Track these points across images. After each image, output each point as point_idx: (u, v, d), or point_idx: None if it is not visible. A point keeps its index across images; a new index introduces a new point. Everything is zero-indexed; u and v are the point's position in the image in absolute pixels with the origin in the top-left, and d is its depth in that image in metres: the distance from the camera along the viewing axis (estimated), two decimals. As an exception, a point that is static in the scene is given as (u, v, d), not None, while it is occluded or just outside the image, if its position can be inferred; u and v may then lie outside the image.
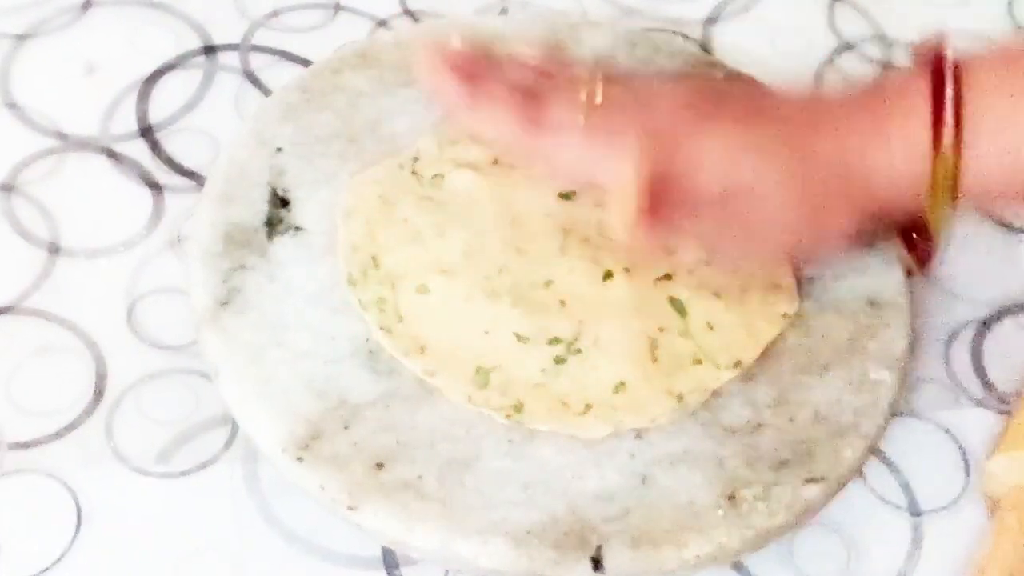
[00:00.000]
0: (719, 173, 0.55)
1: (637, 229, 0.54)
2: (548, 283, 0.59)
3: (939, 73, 0.55)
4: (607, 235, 0.59)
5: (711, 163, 0.55)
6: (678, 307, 0.59)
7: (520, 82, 0.58)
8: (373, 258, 0.59)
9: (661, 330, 0.58)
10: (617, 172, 0.55)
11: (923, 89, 0.55)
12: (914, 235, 0.60)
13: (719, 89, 0.61)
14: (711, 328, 0.58)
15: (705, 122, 0.56)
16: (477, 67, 0.57)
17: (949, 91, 0.55)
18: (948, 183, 0.55)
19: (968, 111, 0.54)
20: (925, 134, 0.55)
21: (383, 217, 0.60)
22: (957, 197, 0.55)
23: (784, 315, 0.60)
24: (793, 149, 0.56)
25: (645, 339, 0.57)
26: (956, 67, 0.55)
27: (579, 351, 0.57)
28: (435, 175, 0.62)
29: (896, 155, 0.55)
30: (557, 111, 0.56)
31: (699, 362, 0.58)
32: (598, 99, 0.56)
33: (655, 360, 0.57)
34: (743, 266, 0.60)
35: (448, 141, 0.63)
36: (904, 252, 0.61)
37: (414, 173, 0.62)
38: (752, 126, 0.56)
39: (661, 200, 0.54)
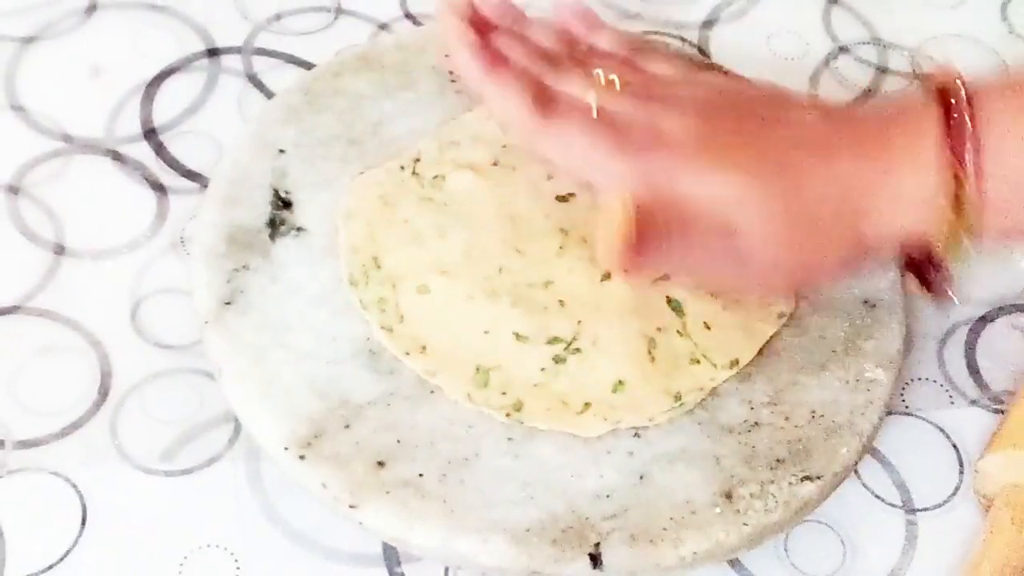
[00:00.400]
0: (712, 205, 0.54)
1: (623, 260, 0.54)
2: (547, 283, 0.59)
3: (949, 98, 0.53)
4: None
5: (705, 194, 0.54)
6: (676, 307, 0.59)
7: (539, 47, 0.59)
8: (374, 259, 0.59)
9: (659, 330, 0.58)
10: (608, 187, 0.54)
11: (934, 115, 0.53)
12: (925, 264, 0.58)
13: (737, 97, 0.58)
14: (708, 328, 0.59)
15: (709, 143, 0.55)
16: (501, 21, 0.58)
17: (966, 117, 0.53)
18: (967, 214, 0.53)
19: (983, 136, 0.53)
20: (938, 163, 0.53)
21: (384, 218, 0.61)
22: (977, 229, 0.53)
23: (780, 315, 0.60)
24: (792, 181, 0.54)
25: (643, 339, 0.58)
26: (968, 93, 0.53)
27: (578, 351, 0.57)
28: (436, 176, 0.62)
29: (906, 186, 0.54)
30: (569, 93, 0.56)
31: (696, 361, 0.58)
32: (616, 84, 0.57)
33: (653, 360, 0.57)
34: (735, 295, 0.59)
35: (449, 143, 0.64)
36: (915, 283, 0.60)
37: (415, 174, 0.62)
38: (758, 152, 0.55)
39: (649, 231, 0.54)
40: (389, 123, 0.65)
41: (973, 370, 0.63)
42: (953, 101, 0.53)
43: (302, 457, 0.54)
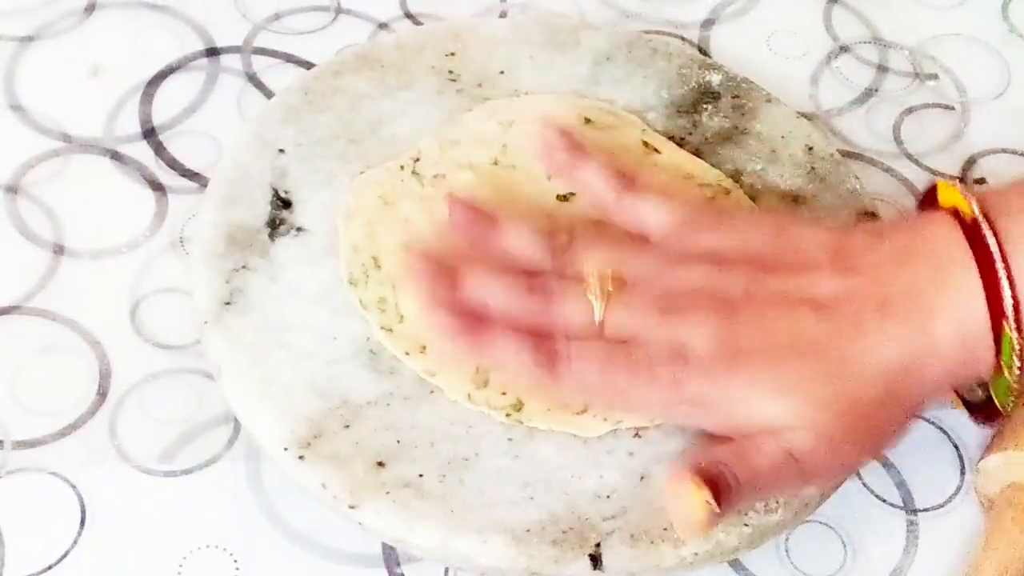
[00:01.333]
0: (764, 418, 0.51)
1: (708, 528, 0.51)
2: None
3: (973, 228, 0.51)
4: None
5: (757, 422, 0.51)
6: None
7: (518, 264, 0.55)
8: (374, 258, 0.59)
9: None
10: (648, 418, 0.53)
11: (962, 255, 0.51)
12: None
13: (739, 261, 0.54)
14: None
15: (738, 357, 0.51)
16: (472, 242, 0.55)
17: (993, 245, 0.50)
18: (1013, 353, 0.50)
19: (1015, 263, 0.50)
20: (977, 304, 0.50)
21: (384, 218, 0.61)
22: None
23: None
24: (837, 371, 0.51)
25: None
26: (987, 216, 0.51)
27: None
28: (436, 175, 0.62)
29: (948, 347, 0.51)
30: (568, 321, 0.53)
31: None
32: (609, 287, 0.53)
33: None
34: (814, 493, 0.55)
35: (449, 142, 0.64)
36: (964, 409, 0.58)
37: (415, 173, 0.62)
38: (790, 350, 0.51)
39: (714, 476, 0.50)
40: (389, 122, 0.65)
41: (974, 370, 0.63)
42: (988, 249, 0.51)
43: (302, 457, 0.54)
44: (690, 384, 0.52)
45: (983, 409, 0.56)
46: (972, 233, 0.52)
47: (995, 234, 0.51)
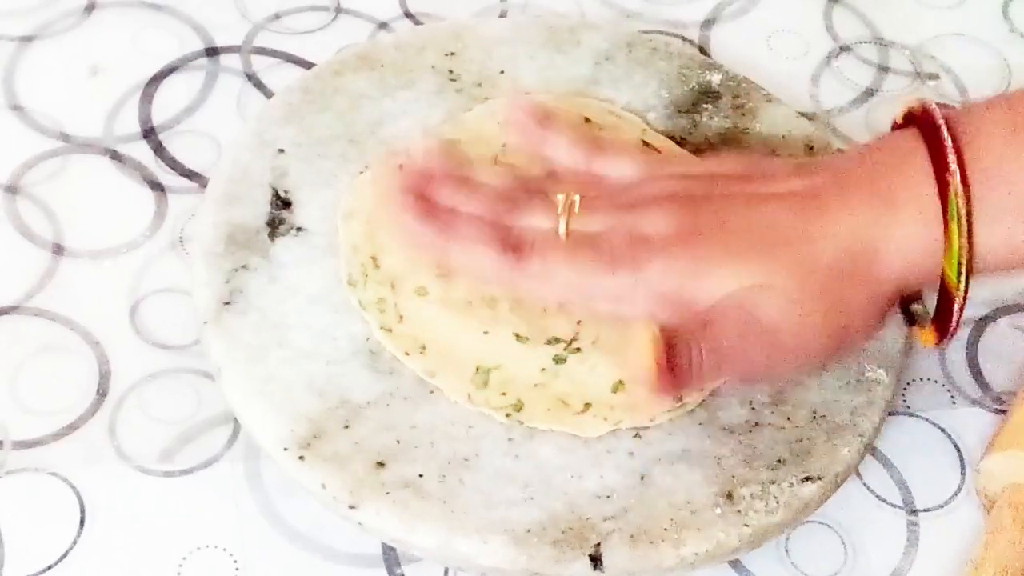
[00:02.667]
0: (728, 301, 0.52)
1: (660, 386, 0.51)
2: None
3: (932, 126, 0.53)
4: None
5: (718, 292, 0.52)
6: None
7: (487, 188, 0.55)
8: (373, 259, 0.59)
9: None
10: (613, 311, 0.52)
11: (920, 147, 0.53)
12: (917, 307, 0.57)
13: (710, 182, 0.55)
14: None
15: (699, 238, 0.53)
16: (442, 185, 0.54)
17: (947, 137, 0.52)
18: (962, 240, 0.51)
19: (969, 157, 0.52)
20: (931, 191, 0.52)
21: (383, 217, 0.61)
22: (971, 254, 0.52)
23: None
24: (797, 252, 0.52)
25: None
26: (948, 119, 0.52)
27: (578, 350, 0.57)
28: None
29: (906, 223, 0.52)
30: (535, 226, 0.53)
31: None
32: (575, 206, 0.54)
33: (654, 360, 0.57)
34: (776, 381, 0.57)
35: (448, 142, 0.64)
36: (910, 327, 0.58)
37: None
38: (752, 233, 0.53)
39: (676, 349, 0.51)
40: (389, 122, 0.65)
41: (975, 370, 0.63)
42: (937, 123, 0.53)
43: (301, 457, 0.54)
44: (652, 264, 0.52)
45: (936, 320, 0.56)
46: (925, 124, 0.53)
47: (947, 120, 0.52)
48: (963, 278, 0.52)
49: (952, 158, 0.51)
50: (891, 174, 0.53)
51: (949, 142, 0.52)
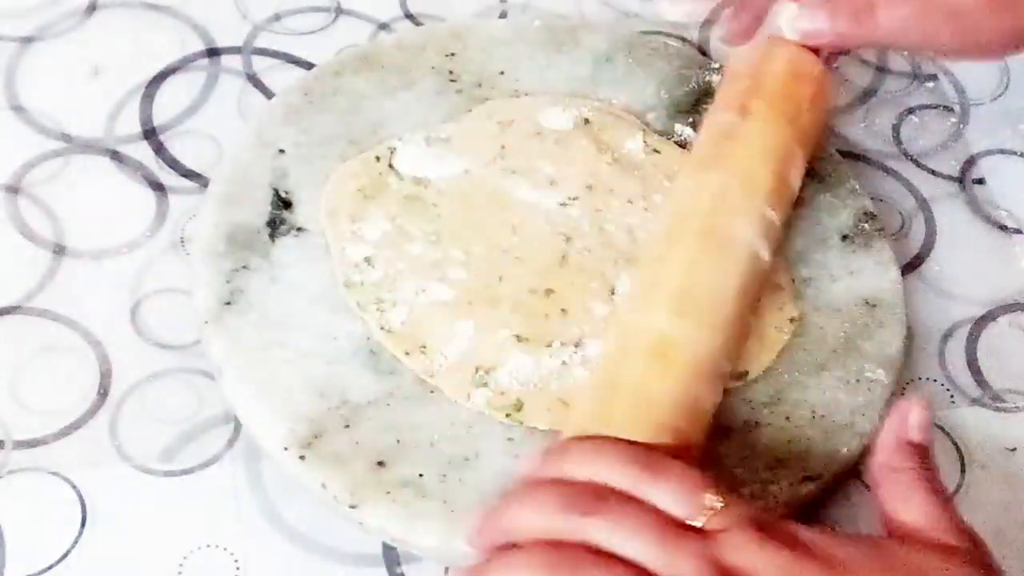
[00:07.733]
0: None
1: None
2: (548, 292, 0.59)
3: None
4: (609, 244, 0.60)
5: None
6: None
7: None
8: (366, 259, 0.59)
9: None
10: None
11: None
12: None
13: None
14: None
15: None
16: None
17: None
18: None
19: None
20: None
21: (367, 214, 0.60)
22: None
23: (792, 319, 0.60)
24: None
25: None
26: None
27: (578, 350, 0.57)
28: (420, 178, 0.62)
29: None
30: None
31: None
32: None
33: (653, 360, 0.57)
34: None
35: (437, 139, 0.63)
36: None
37: (391, 167, 0.62)
38: None
39: None
40: (389, 123, 0.65)
41: (974, 369, 0.63)
42: None
43: (302, 457, 0.54)
44: None
45: None
46: None
47: None
48: None
49: None
50: None
51: None
